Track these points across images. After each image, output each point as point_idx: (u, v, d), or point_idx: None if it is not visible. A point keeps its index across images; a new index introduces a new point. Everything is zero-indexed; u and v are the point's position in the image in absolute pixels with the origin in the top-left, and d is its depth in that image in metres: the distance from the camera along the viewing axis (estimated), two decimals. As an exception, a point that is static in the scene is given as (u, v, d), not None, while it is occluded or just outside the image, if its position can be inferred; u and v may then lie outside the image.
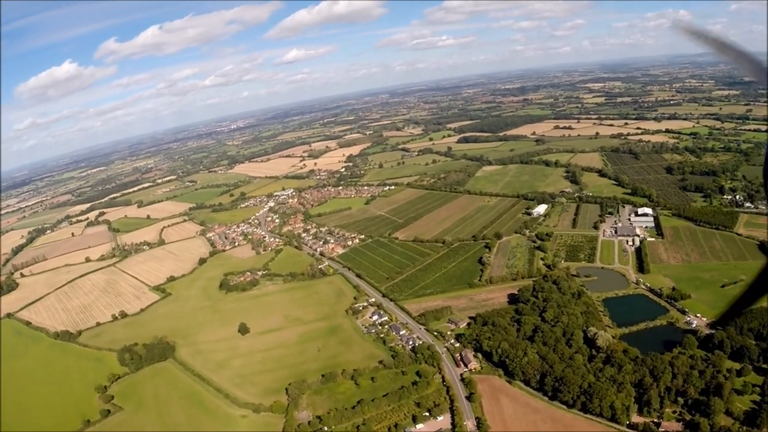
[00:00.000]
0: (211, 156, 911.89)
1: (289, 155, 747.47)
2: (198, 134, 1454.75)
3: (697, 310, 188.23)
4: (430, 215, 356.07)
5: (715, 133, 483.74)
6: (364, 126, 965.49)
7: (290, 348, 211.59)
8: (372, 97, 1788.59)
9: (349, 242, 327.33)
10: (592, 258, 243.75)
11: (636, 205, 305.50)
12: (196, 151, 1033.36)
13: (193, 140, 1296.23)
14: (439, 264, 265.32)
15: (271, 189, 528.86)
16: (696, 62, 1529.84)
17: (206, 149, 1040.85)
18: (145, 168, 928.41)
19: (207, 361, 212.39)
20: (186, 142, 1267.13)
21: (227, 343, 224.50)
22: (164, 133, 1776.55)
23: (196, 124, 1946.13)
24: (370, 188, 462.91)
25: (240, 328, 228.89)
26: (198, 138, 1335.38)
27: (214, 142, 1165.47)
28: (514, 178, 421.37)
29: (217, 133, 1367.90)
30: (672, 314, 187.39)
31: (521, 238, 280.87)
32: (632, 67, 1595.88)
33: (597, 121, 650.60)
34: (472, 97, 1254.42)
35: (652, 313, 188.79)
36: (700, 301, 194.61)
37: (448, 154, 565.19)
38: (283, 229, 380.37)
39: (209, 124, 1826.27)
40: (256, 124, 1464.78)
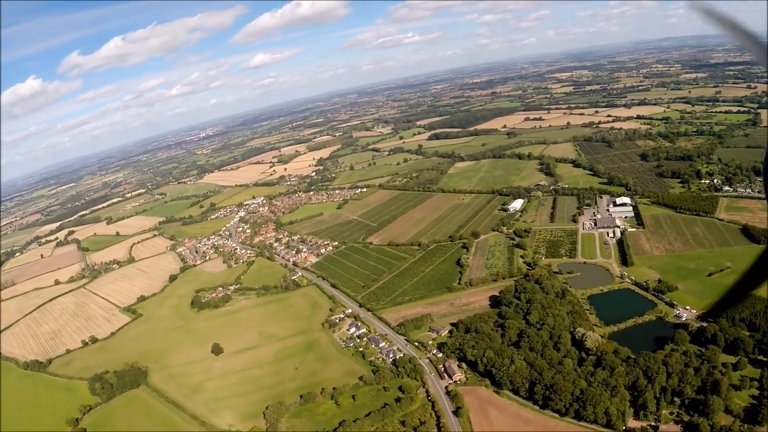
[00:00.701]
0: (180, 167, 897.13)
1: (259, 162, 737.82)
2: (167, 145, 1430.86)
3: (685, 302, 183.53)
4: (404, 217, 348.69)
5: (686, 116, 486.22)
6: (334, 128, 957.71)
7: (266, 367, 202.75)
8: (340, 98, 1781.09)
9: (323, 250, 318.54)
10: (573, 253, 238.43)
11: (613, 194, 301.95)
12: (166, 162, 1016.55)
13: (163, 151, 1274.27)
14: (416, 268, 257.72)
15: (241, 198, 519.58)
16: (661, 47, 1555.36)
17: (175, 160, 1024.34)
18: (114, 182, 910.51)
19: (181, 385, 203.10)
20: (155, 154, 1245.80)
21: (201, 365, 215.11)
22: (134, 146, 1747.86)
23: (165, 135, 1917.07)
24: (342, 192, 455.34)
25: (213, 349, 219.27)
26: (167, 149, 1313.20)
27: (184, 152, 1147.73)
28: (487, 173, 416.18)
29: (186, 143, 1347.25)
30: (660, 308, 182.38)
31: (499, 235, 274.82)
32: (598, 55, 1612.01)
33: (567, 110, 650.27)
34: (440, 92, 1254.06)
35: (640, 309, 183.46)
36: (687, 293, 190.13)
37: (419, 152, 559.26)
38: (255, 240, 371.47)
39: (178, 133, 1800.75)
40: (225, 131, 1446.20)
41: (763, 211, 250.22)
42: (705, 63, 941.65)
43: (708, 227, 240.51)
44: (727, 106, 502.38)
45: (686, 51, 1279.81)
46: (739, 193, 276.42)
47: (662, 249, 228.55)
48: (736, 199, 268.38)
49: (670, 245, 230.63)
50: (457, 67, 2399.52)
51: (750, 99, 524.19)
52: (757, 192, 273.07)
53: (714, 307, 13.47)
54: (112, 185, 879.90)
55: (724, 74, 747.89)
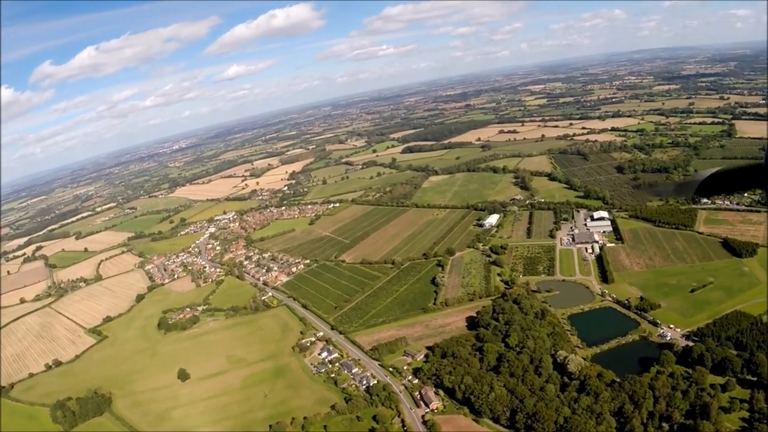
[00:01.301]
0: (152, 180, 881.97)
1: (231, 175, 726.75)
2: (140, 157, 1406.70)
3: (669, 321, 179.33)
4: (377, 233, 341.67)
5: (661, 128, 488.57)
6: (307, 140, 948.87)
7: (234, 394, 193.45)
8: (314, 110, 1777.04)
9: (294, 268, 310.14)
10: (551, 270, 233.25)
11: (590, 208, 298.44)
12: (138, 175, 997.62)
13: (135, 163, 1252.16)
14: (389, 288, 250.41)
15: (212, 213, 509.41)
16: (633, 59, 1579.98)
17: (148, 172, 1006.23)
18: (85, 195, 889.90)
19: (146, 413, 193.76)
20: (128, 166, 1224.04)
21: (167, 391, 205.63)
22: (107, 157, 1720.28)
23: (138, 147, 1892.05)
24: (314, 207, 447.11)
25: (180, 374, 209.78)
26: (140, 161, 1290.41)
27: (156, 164, 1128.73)
28: (462, 187, 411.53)
29: (159, 155, 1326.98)
30: (644, 327, 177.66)
31: (475, 252, 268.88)
32: (571, 67, 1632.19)
33: (541, 123, 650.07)
34: (414, 105, 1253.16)
35: (623, 328, 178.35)
36: (671, 310, 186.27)
37: (392, 165, 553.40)
38: (225, 257, 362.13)
39: (152, 145, 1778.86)
40: (198, 143, 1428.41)
41: (743, 224, 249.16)
42: (677, 75, 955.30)
43: (688, 241, 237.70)
44: (701, 118, 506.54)
45: (658, 63, 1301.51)
46: (717, 205, 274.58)
47: (642, 264, 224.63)
48: (714, 212, 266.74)
49: (650, 260, 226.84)
50: (431, 80, 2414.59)
51: (723, 110, 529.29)
52: (735, 204, 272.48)
53: (685, 185, 11.84)
54: (83, 198, 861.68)
55: (696, 86, 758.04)
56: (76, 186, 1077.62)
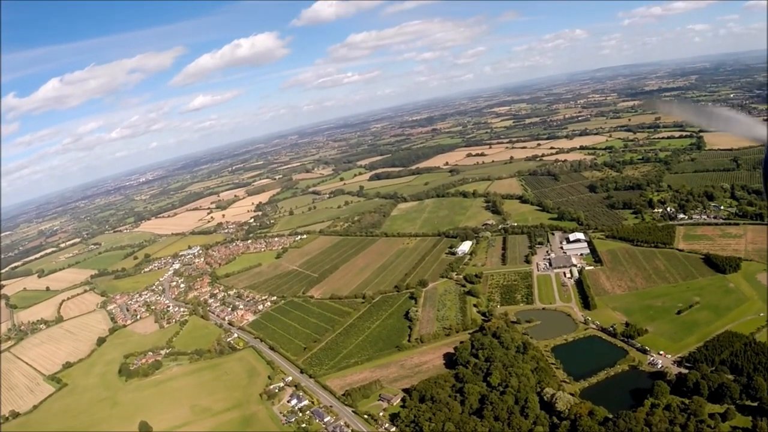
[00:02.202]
0: (118, 213, 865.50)
1: (197, 208, 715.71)
2: (107, 190, 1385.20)
3: (658, 347, 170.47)
4: (346, 265, 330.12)
5: (629, 144, 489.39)
6: (274, 170, 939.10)
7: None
8: (281, 139, 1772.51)
9: (260, 306, 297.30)
10: (530, 298, 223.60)
11: (565, 230, 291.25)
12: (104, 209, 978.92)
13: (102, 197, 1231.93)
14: (361, 325, 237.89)
15: (177, 248, 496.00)
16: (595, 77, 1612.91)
17: (114, 206, 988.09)
18: (50, 231, 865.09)
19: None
20: (94, 200, 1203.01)
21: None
22: (73, 191, 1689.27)
23: (105, 179, 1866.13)
24: (281, 239, 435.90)
25: (141, 426, 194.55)
26: (106, 194, 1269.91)
27: (122, 197, 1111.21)
28: (432, 213, 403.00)
29: (126, 188, 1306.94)
30: (632, 355, 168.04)
31: (449, 282, 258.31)
32: (535, 87, 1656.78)
33: (509, 144, 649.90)
34: (380, 131, 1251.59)
35: (611, 358, 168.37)
36: (659, 335, 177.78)
37: (360, 193, 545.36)
38: (189, 296, 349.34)
39: (118, 178, 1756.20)
40: (165, 175, 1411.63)
41: (723, 238, 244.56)
42: (640, 91, 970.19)
43: (669, 259, 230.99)
44: (668, 132, 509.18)
45: (620, 80, 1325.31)
46: (695, 220, 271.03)
47: (624, 287, 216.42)
48: (692, 227, 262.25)
49: (632, 282, 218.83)
50: (396, 105, 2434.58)
51: (690, 123, 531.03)
52: (712, 217, 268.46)
53: None
54: (47, 234, 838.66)
55: (660, 101, 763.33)
56: (41, 221, 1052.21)
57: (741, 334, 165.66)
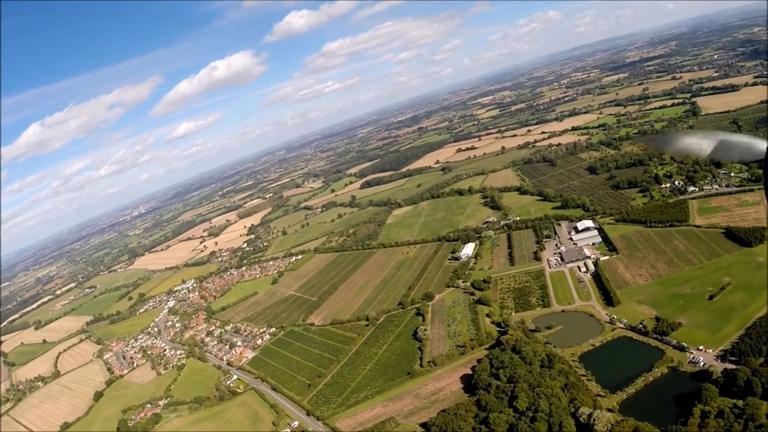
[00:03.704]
0: (112, 252, 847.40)
1: (190, 237, 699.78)
2: (101, 228, 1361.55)
3: (696, 341, 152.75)
4: (345, 284, 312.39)
5: (622, 119, 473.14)
6: (264, 189, 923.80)
7: None
8: (269, 156, 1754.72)
9: (259, 341, 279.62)
10: (546, 300, 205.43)
11: (572, 219, 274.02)
12: (99, 248, 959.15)
13: (96, 236, 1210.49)
14: (367, 351, 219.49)
15: (172, 283, 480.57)
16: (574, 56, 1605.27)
17: (109, 244, 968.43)
18: (46, 278, 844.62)
19: None
20: (89, 240, 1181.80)
21: None
22: (68, 233, 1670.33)
23: (99, 217, 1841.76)
24: (276, 262, 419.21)
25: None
26: (101, 233, 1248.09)
27: (117, 234, 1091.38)
28: (429, 217, 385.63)
29: (120, 224, 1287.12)
30: (669, 355, 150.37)
31: (456, 292, 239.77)
32: (516, 74, 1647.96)
33: (498, 134, 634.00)
34: (367, 136, 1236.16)
35: (646, 361, 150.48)
36: (694, 327, 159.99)
37: (353, 204, 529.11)
38: (185, 335, 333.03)
39: (112, 214, 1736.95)
40: (158, 206, 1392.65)
41: (740, 207, 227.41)
42: (622, 63, 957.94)
43: (688, 238, 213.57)
44: (659, 101, 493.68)
45: (600, 55, 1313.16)
46: (706, 191, 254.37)
47: (646, 276, 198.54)
48: (706, 200, 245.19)
49: (653, 269, 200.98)
50: (380, 108, 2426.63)
51: (680, 90, 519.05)
52: (725, 186, 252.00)
53: None
54: (44, 281, 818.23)
55: (644, 71, 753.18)
56: (38, 267, 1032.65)
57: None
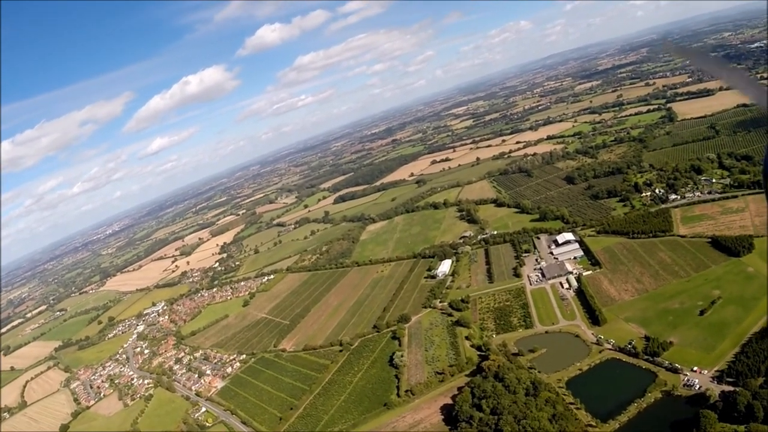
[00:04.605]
0: (84, 272, 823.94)
1: (162, 257, 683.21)
2: (74, 247, 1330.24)
3: (690, 361, 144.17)
4: (318, 306, 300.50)
5: (598, 127, 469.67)
6: (237, 205, 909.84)
7: None
8: (243, 171, 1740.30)
9: (229, 368, 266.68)
10: (528, 320, 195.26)
11: (551, 231, 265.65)
12: (71, 269, 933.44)
13: (69, 255, 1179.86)
14: (341, 379, 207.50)
15: (142, 305, 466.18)
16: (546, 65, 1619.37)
17: (81, 264, 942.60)
18: (18, 300, 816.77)
19: None
20: (62, 259, 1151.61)
21: None
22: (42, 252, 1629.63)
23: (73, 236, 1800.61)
24: (248, 282, 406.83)
25: None
26: (74, 252, 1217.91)
27: (90, 253, 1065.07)
28: (403, 232, 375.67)
29: (93, 242, 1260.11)
30: (662, 378, 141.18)
31: (433, 313, 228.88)
32: (489, 84, 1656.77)
33: (473, 145, 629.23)
34: (341, 149, 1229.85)
35: (638, 385, 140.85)
36: (686, 346, 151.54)
37: (326, 219, 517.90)
38: (153, 363, 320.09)
39: (86, 232, 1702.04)
40: (132, 224, 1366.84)
41: (725, 215, 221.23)
42: (594, 71, 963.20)
43: (673, 249, 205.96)
44: (634, 108, 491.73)
45: (572, 64, 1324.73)
46: (688, 199, 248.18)
47: (632, 290, 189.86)
48: (688, 208, 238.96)
49: (639, 283, 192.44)
50: (354, 121, 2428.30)
51: (654, 95, 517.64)
52: (707, 193, 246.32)
53: None
54: (16, 303, 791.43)
55: (617, 78, 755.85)
56: (10, 289, 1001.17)
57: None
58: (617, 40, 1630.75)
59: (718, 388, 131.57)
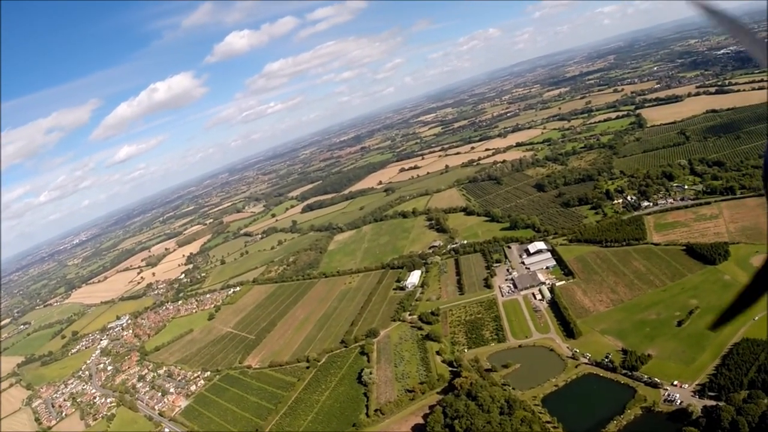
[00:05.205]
0: (50, 283, 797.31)
1: (128, 268, 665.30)
2: (41, 257, 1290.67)
3: (669, 375, 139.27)
4: (284, 320, 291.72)
5: (567, 133, 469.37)
6: (205, 214, 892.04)
7: None
8: (212, 180, 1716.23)
9: (193, 386, 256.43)
10: (501, 334, 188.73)
11: (522, 240, 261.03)
12: (37, 280, 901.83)
13: (36, 266, 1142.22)
14: (308, 398, 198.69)
15: (106, 319, 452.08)
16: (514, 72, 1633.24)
17: (47, 275, 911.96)
18: None
19: None
20: (28, 270, 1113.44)
21: None
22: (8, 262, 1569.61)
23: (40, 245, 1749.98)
24: (213, 295, 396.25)
25: None
26: (41, 262, 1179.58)
27: (56, 264, 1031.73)
28: (372, 242, 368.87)
29: (60, 252, 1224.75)
30: (642, 393, 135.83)
31: (403, 326, 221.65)
32: (457, 91, 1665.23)
33: (442, 152, 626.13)
34: (309, 157, 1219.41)
35: (617, 401, 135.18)
36: (665, 359, 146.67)
37: (294, 229, 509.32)
38: (117, 380, 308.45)
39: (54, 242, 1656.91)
40: (99, 233, 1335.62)
41: (698, 222, 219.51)
42: (562, 78, 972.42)
43: (647, 258, 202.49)
44: (603, 114, 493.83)
45: (539, 71, 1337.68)
46: (661, 206, 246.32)
47: (607, 301, 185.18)
48: (661, 215, 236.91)
49: (614, 293, 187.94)
50: (323, 128, 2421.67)
51: (623, 102, 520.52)
52: (680, 200, 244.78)
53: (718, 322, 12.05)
54: None
55: (585, 84, 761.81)
56: None
57: (760, 340, 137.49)
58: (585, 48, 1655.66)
59: (700, 402, 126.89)
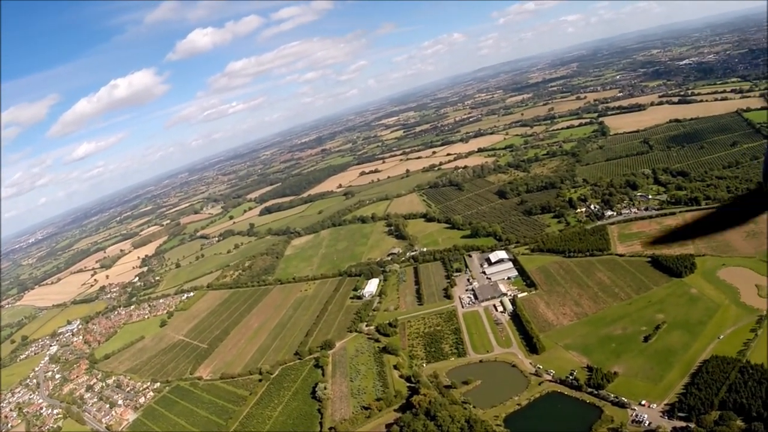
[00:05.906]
0: (3, 284, 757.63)
1: (82, 269, 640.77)
2: None
3: (637, 394, 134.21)
4: (238, 328, 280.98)
5: (530, 140, 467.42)
6: (162, 215, 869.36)
7: None
8: (171, 179, 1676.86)
9: (142, 398, 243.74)
10: (461, 348, 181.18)
11: (483, 249, 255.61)
12: None
13: None
14: (260, 414, 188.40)
15: (57, 323, 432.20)
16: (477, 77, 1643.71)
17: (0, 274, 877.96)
18: None
19: None
20: None
21: None
22: None
23: None
24: (167, 300, 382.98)
25: None
26: None
27: (10, 263, 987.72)
28: (329, 248, 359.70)
29: (15, 251, 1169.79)
30: (608, 413, 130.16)
31: (359, 338, 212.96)
32: (420, 94, 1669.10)
33: (403, 156, 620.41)
34: (270, 158, 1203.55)
35: (583, 422, 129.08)
36: (632, 376, 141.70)
37: (251, 232, 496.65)
38: (64, 390, 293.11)
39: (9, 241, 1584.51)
40: (55, 232, 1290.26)
41: (663, 233, 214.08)
42: (525, 84, 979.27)
43: (612, 269, 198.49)
44: (566, 121, 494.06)
45: (503, 77, 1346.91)
46: (625, 216, 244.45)
47: (571, 315, 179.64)
48: (625, 225, 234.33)
49: (577, 306, 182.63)
50: (285, 129, 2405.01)
51: (585, 109, 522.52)
52: (644, 210, 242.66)
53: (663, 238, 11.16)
54: None
55: (548, 91, 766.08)
56: None
57: (730, 358, 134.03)
58: (548, 55, 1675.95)
59: (670, 423, 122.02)
